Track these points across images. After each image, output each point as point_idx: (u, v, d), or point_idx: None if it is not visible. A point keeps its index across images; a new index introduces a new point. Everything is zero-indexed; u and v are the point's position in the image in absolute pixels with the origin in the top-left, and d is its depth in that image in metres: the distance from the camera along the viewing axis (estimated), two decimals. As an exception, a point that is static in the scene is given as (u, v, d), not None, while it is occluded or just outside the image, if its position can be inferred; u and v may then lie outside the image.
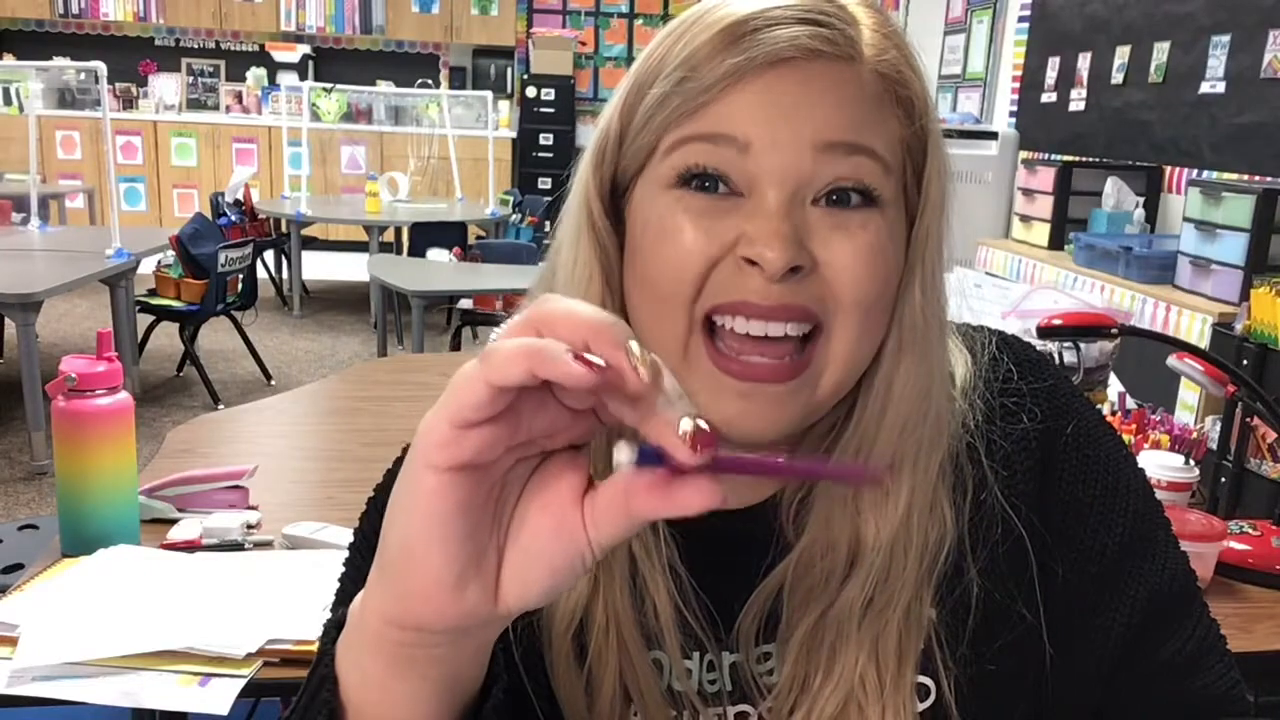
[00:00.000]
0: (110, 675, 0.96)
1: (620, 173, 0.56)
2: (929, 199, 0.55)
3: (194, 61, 7.94)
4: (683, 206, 0.52)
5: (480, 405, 0.35)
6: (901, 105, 0.54)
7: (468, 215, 5.72)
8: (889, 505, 0.55)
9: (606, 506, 0.38)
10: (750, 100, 0.51)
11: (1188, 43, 3.37)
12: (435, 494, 0.37)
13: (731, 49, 0.51)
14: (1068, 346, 1.47)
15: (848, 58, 0.52)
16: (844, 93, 0.52)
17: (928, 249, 0.55)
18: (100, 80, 3.82)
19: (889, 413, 0.55)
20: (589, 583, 0.56)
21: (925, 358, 0.55)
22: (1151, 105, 3.57)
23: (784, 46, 0.51)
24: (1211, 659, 0.61)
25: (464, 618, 0.39)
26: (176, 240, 4.13)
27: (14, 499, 3.17)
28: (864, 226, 0.52)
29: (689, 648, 0.58)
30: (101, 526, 1.18)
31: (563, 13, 8.03)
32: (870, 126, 0.52)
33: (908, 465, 0.56)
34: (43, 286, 3.25)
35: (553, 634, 0.56)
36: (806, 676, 0.57)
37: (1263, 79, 3.01)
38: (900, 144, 0.54)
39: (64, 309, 5.45)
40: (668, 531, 0.57)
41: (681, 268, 0.52)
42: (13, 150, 6.58)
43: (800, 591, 0.57)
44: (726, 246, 0.51)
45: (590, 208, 0.56)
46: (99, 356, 1.17)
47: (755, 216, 0.51)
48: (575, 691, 0.56)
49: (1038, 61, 4.42)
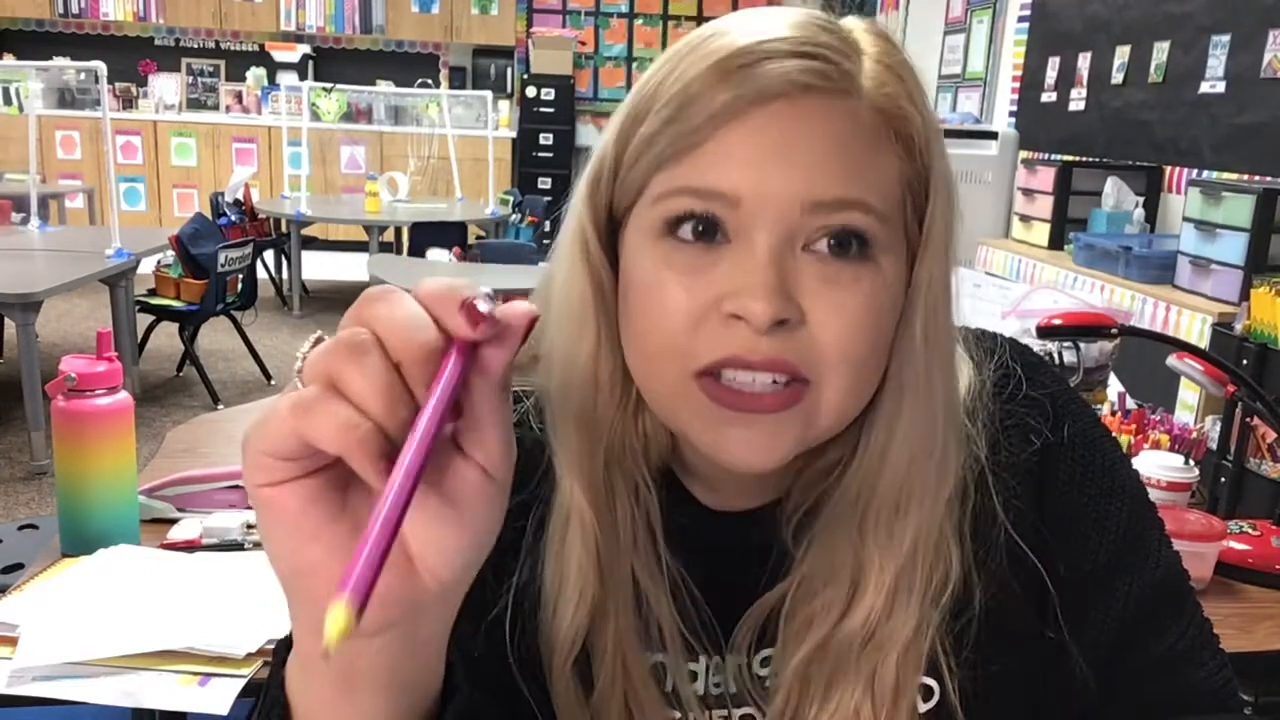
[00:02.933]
0: (110, 675, 0.96)
1: (615, 203, 0.55)
2: (930, 240, 0.53)
3: (194, 61, 7.94)
4: (667, 263, 0.51)
5: (291, 450, 0.35)
6: (901, 141, 0.52)
7: (468, 215, 5.72)
8: (894, 543, 0.55)
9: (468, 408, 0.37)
10: (739, 144, 0.50)
11: (1188, 43, 3.37)
12: (277, 503, 0.36)
13: (721, 85, 0.50)
14: (1068, 346, 1.47)
15: (843, 92, 0.51)
16: (837, 131, 0.50)
17: (929, 291, 0.53)
18: (100, 80, 3.82)
19: (891, 452, 0.54)
20: (589, 610, 0.55)
21: (929, 397, 0.54)
22: (1151, 105, 3.57)
23: (775, 82, 0.49)
24: (1204, 655, 0.61)
25: (385, 608, 0.37)
26: (176, 240, 4.13)
27: (14, 499, 3.17)
28: (856, 281, 0.50)
29: (694, 651, 0.58)
30: (101, 526, 1.18)
31: (563, 13, 8.02)
32: (864, 171, 0.51)
33: (914, 502, 0.55)
34: (43, 286, 3.25)
35: (553, 659, 0.55)
36: (800, 704, 0.56)
37: (1263, 79, 3.01)
38: (900, 183, 0.52)
39: (64, 309, 5.45)
40: (668, 551, 0.57)
41: (667, 331, 0.51)
42: (13, 150, 6.58)
43: (800, 617, 0.56)
44: (710, 304, 0.50)
45: (585, 238, 0.55)
46: (99, 356, 1.17)
47: (742, 266, 0.49)
48: (573, 704, 0.55)
49: (1038, 61, 4.42)
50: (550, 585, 0.55)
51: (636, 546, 0.56)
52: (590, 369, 0.55)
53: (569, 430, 0.55)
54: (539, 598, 0.56)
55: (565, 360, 0.55)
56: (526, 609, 0.56)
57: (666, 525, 0.57)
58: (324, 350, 0.36)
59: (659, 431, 0.57)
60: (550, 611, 0.55)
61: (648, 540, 0.56)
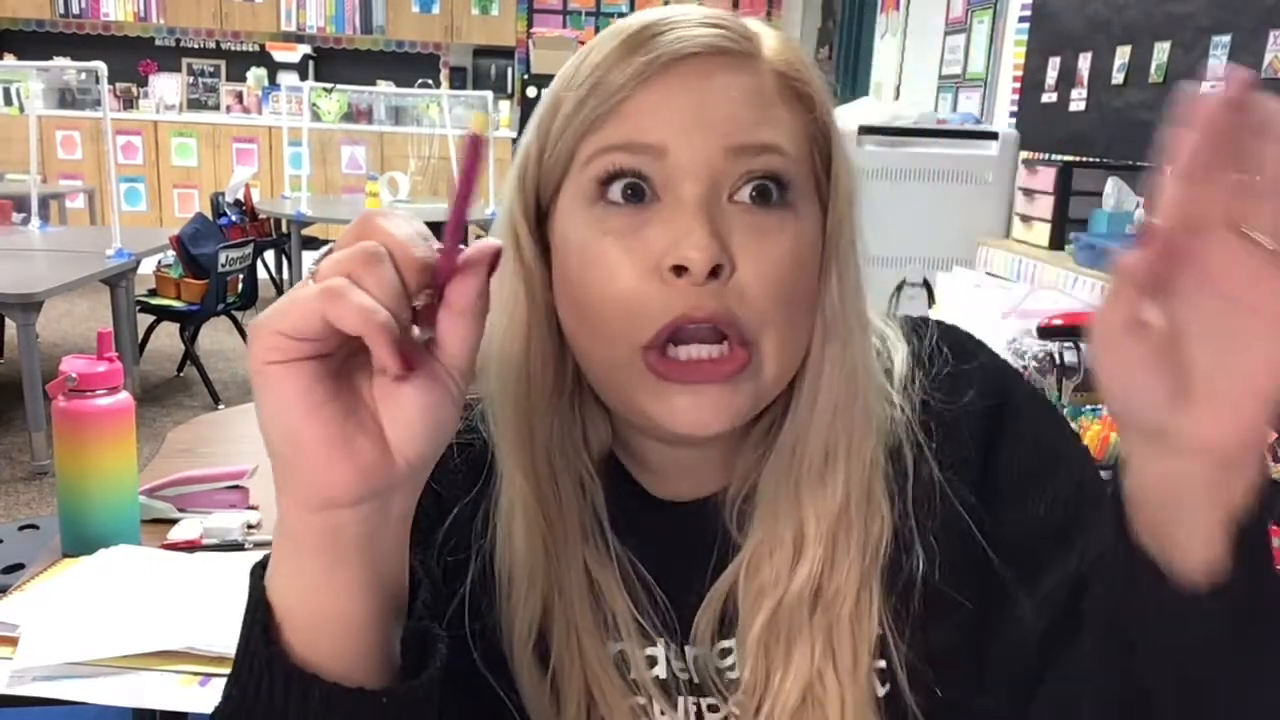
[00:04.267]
0: (111, 675, 0.96)
1: (542, 188, 0.58)
2: (838, 189, 0.57)
3: (194, 61, 7.94)
4: (603, 228, 0.54)
5: (314, 330, 0.40)
6: (802, 101, 0.57)
7: (467, 215, 5.72)
8: (827, 493, 0.57)
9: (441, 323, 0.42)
10: (659, 100, 0.53)
11: (1188, 43, 3.37)
12: (286, 379, 0.40)
13: (637, 52, 0.54)
14: (1068, 346, 1.47)
15: (748, 55, 0.55)
16: (749, 85, 0.55)
17: (841, 239, 0.57)
18: (100, 80, 3.82)
19: (819, 400, 0.57)
20: (541, 597, 0.57)
21: (849, 344, 0.57)
22: (1152, 105, 3.57)
23: (687, 44, 0.54)
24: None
25: (366, 477, 0.41)
26: (177, 240, 4.13)
27: (14, 499, 3.17)
28: (780, 229, 0.54)
29: (651, 637, 0.59)
30: (102, 526, 1.18)
31: (563, 13, 8.03)
32: (774, 121, 0.55)
33: (841, 452, 0.57)
34: (43, 286, 3.25)
35: (513, 647, 0.57)
36: (768, 673, 0.58)
37: (1263, 79, 3.01)
38: (806, 138, 0.56)
39: (64, 309, 5.45)
40: (616, 539, 0.59)
41: (612, 300, 0.53)
42: (13, 150, 6.57)
43: (752, 591, 0.58)
44: (650, 267, 0.53)
45: (515, 229, 0.58)
46: (99, 356, 1.17)
47: (675, 220, 0.52)
48: (541, 702, 0.57)
49: (1038, 61, 4.42)
50: (501, 574, 0.58)
51: (586, 536, 0.58)
52: (523, 359, 0.57)
53: (507, 421, 0.58)
54: (494, 592, 0.58)
55: (501, 355, 0.58)
56: (485, 605, 0.58)
57: (613, 514, 0.59)
58: (343, 256, 0.41)
59: (599, 421, 0.60)
60: (504, 600, 0.57)
61: (595, 530, 0.59)
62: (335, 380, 0.41)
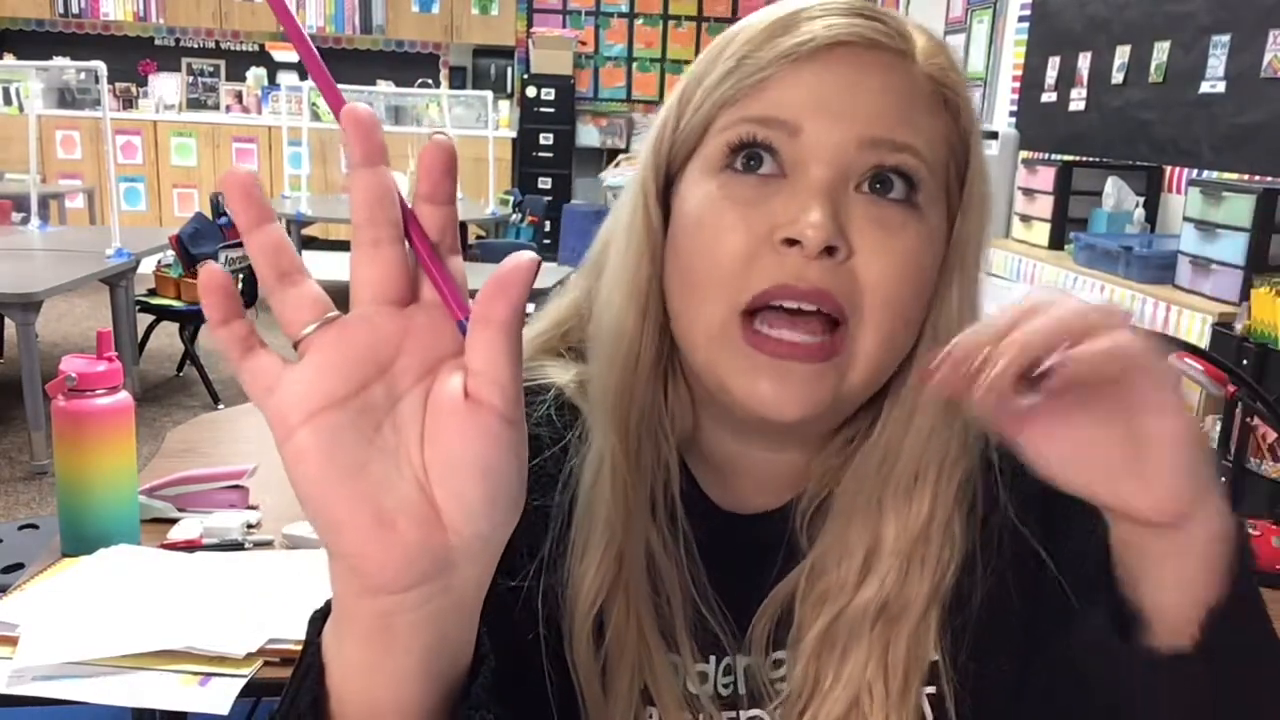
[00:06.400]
0: (110, 675, 0.96)
1: (674, 156, 0.57)
2: (971, 199, 0.56)
3: (194, 61, 7.93)
4: (725, 193, 0.53)
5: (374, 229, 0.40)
6: (948, 108, 0.55)
7: (468, 215, 5.72)
8: (911, 510, 0.56)
9: (476, 356, 0.36)
10: (804, 84, 0.53)
11: (1188, 42, 3.37)
12: (305, 451, 0.35)
13: (787, 33, 0.53)
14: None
15: (901, 52, 0.54)
16: (896, 85, 0.53)
17: (968, 251, 0.56)
18: (100, 80, 3.82)
19: (916, 418, 0.55)
20: (611, 567, 0.55)
21: None
22: (1151, 105, 3.57)
23: (840, 32, 0.53)
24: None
25: (413, 560, 0.36)
26: (176, 240, 4.12)
27: (14, 499, 3.17)
28: (904, 227, 0.53)
29: (705, 651, 0.58)
30: (101, 526, 1.18)
31: (563, 13, 8.02)
32: (917, 122, 0.54)
33: (932, 472, 0.56)
34: (43, 286, 3.24)
35: (576, 611, 0.56)
36: (818, 678, 0.57)
37: (1263, 79, 3.01)
38: (945, 146, 0.55)
39: (64, 309, 5.45)
40: (686, 520, 0.57)
41: (719, 260, 0.53)
42: (13, 150, 6.57)
43: (814, 596, 0.57)
44: (764, 236, 0.52)
45: (645, 189, 0.57)
46: (99, 356, 1.17)
47: (798, 196, 0.52)
48: (592, 674, 0.56)
49: (1038, 61, 4.42)
50: (579, 532, 0.56)
51: (655, 516, 0.57)
52: (638, 323, 0.56)
53: (607, 387, 0.57)
54: (567, 558, 0.56)
55: (615, 320, 0.57)
56: (555, 579, 0.56)
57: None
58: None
59: (684, 405, 0.59)
60: (578, 558, 0.56)
61: (665, 509, 0.57)
62: (359, 442, 0.36)
